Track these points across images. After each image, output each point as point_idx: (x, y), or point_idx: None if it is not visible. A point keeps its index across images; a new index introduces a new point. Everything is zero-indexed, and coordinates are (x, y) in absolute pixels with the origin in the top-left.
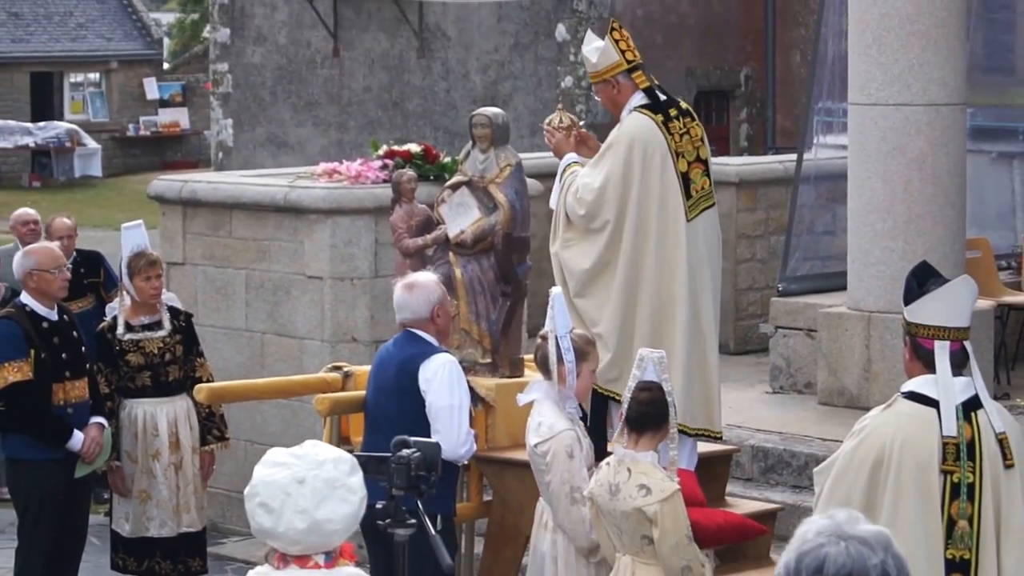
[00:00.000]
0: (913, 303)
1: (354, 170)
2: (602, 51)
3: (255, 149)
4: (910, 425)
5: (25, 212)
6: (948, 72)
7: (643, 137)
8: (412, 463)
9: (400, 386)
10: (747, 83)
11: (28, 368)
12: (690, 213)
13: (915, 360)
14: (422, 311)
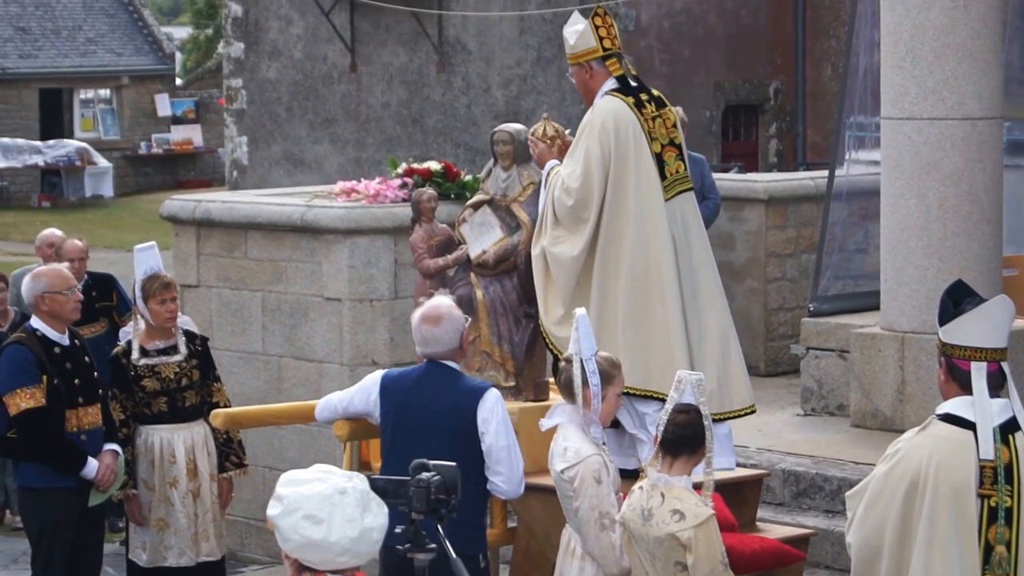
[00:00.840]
0: (949, 323)
1: (373, 189)
2: (580, 34)
3: (270, 167)
4: (946, 448)
5: (52, 233)
6: (984, 85)
7: (615, 118)
8: (432, 486)
9: (453, 427)
10: (776, 97)
11: (41, 394)
12: (667, 193)
13: (951, 382)
14: (453, 342)
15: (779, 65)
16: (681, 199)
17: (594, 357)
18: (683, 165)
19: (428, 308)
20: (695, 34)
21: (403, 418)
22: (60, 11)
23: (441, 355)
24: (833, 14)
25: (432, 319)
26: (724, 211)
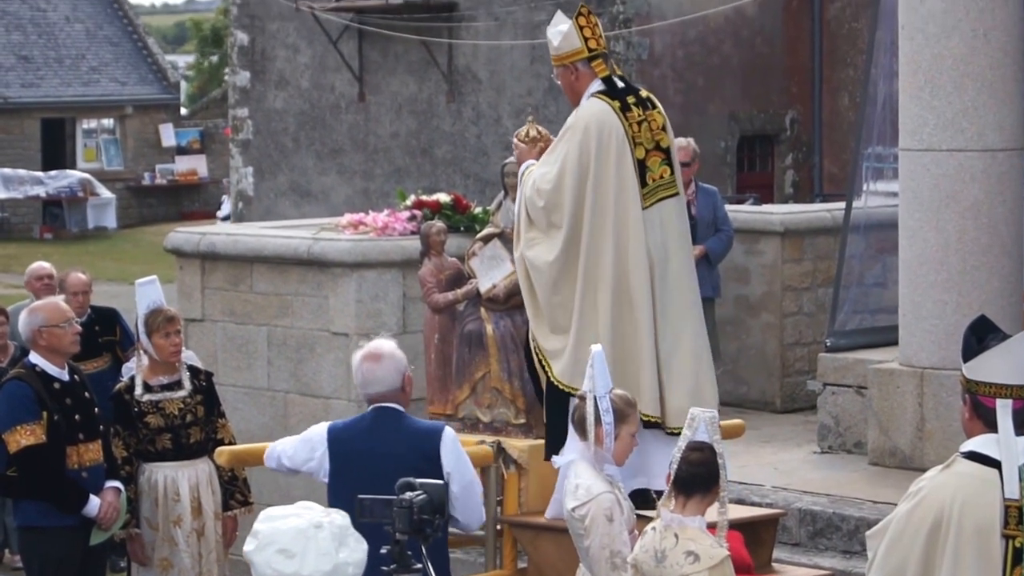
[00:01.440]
0: (973, 359)
1: (381, 221)
2: (565, 35)
3: (277, 198)
4: (970, 486)
5: (40, 266)
6: (1004, 115)
7: (598, 122)
8: (416, 506)
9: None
10: (793, 127)
11: (41, 431)
12: (645, 201)
13: (975, 419)
14: (395, 382)
15: (795, 94)
16: (662, 206)
17: (608, 395)
18: (669, 170)
19: (370, 347)
20: (710, 63)
21: (360, 468)
22: (63, 39)
23: (383, 395)
24: (850, 43)
25: (373, 357)
26: (739, 244)
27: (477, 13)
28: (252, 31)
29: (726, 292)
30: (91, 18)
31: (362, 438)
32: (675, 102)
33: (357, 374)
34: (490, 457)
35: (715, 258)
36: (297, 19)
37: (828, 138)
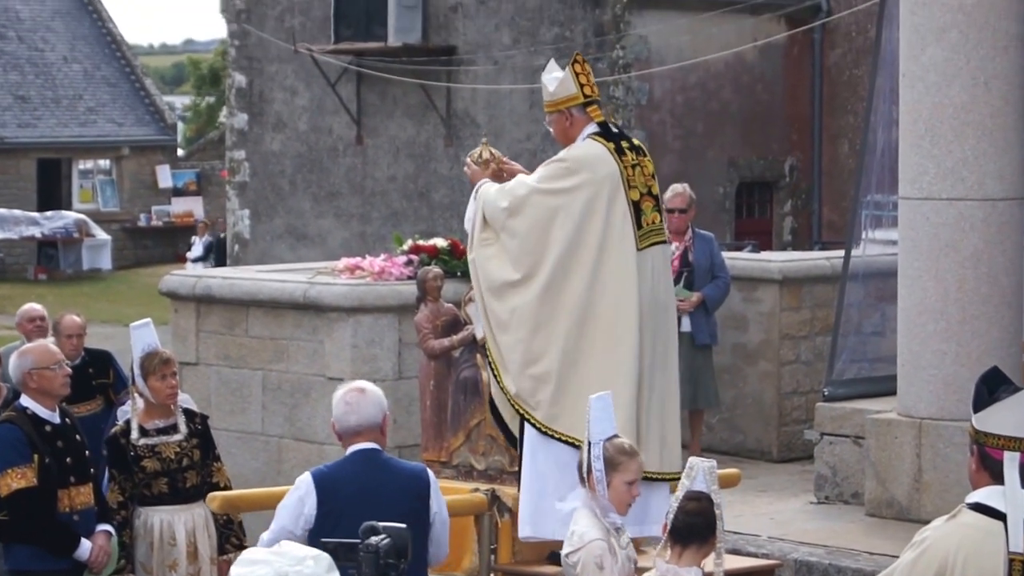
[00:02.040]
0: (983, 410)
1: (377, 266)
2: (561, 81)
3: (273, 241)
4: (975, 537)
5: (31, 308)
6: (1005, 164)
7: (593, 164)
8: (381, 550)
9: (412, 508)
10: (792, 174)
11: (32, 474)
12: (641, 243)
13: (982, 470)
14: (376, 416)
15: (795, 141)
16: (654, 251)
17: (603, 442)
18: (659, 217)
19: (351, 384)
20: (709, 109)
21: (353, 512)
22: (61, 80)
23: (365, 430)
24: (851, 90)
25: (358, 390)
26: (737, 291)
27: (476, 57)
28: (250, 73)
29: (723, 340)
30: (89, 58)
31: (351, 480)
32: (674, 147)
33: (340, 405)
34: (484, 505)
35: (712, 305)
36: (295, 61)
37: (827, 185)
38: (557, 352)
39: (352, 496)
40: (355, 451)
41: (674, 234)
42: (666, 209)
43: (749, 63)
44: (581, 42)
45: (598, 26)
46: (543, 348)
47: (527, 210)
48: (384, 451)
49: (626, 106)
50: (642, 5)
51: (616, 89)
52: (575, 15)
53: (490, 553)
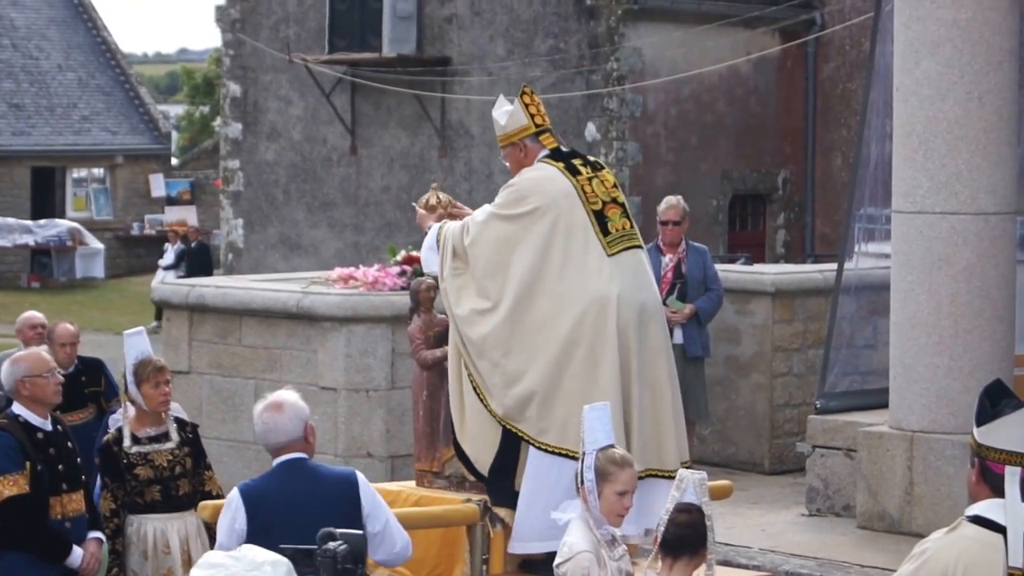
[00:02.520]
0: (986, 424)
1: (371, 276)
2: (511, 114)
3: (266, 251)
4: (974, 550)
5: (32, 315)
6: (998, 179)
7: (543, 185)
8: (339, 556)
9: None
10: (785, 186)
11: (24, 482)
12: (612, 248)
13: (982, 484)
14: (297, 430)
15: (788, 154)
16: (628, 255)
17: (595, 452)
18: (629, 223)
19: (271, 398)
20: (703, 121)
21: (282, 522)
22: (55, 88)
23: (287, 446)
24: (844, 103)
25: (275, 407)
26: (730, 304)
27: (470, 68)
28: (245, 82)
29: (716, 352)
30: (83, 67)
31: (279, 492)
32: (668, 160)
33: (258, 424)
34: (476, 515)
35: (705, 317)
36: (290, 71)
37: (820, 198)
38: (536, 369)
39: (280, 507)
40: (281, 462)
41: (668, 246)
42: (660, 221)
43: (743, 76)
44: (576, 54)
45: (592, 38)
46: (522, 368)
47: (486, 235)
48: (310, 458)
49: (620, 118)
50: (637, 17)
51: (610, 101)
52: (570, 27)
53: (482, 563)
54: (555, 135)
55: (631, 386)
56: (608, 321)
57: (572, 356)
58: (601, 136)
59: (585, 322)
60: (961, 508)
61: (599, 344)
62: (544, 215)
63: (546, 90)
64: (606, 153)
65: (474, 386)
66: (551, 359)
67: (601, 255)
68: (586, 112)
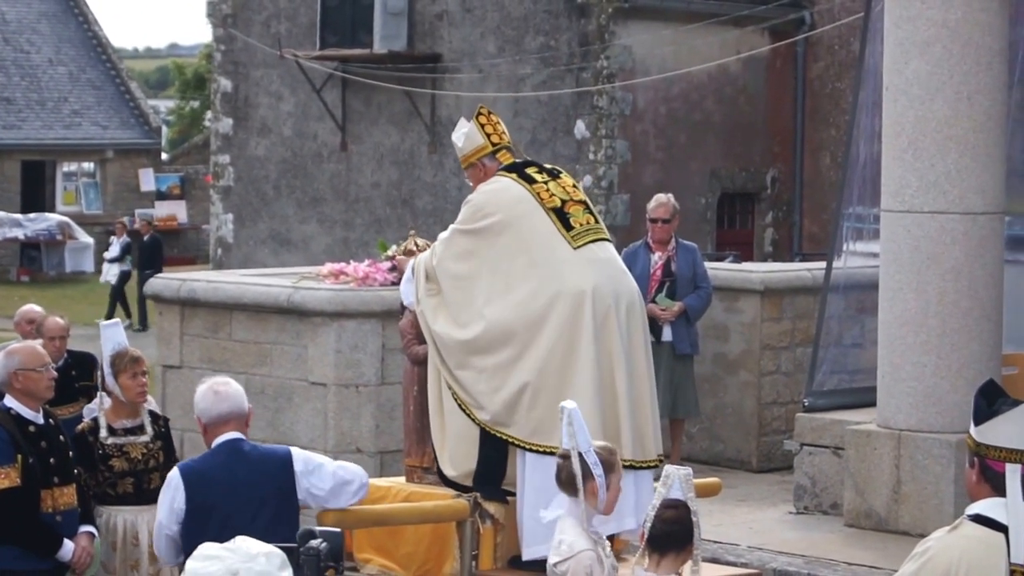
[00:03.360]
0: (984, 423)
1: (361, 272)
2: (467, 135)
3: (256, 246)
4: (976, 549)
5: (31, 309)
6: (986, 179)
7: (498, 195)
8: (321, 553)
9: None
10: (774, 185)
11: (15, 474)
12: (576, 242)
13: (983, 482)
14: (241, 406)
15: (777, 153)
16: (597, 246)
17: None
18: (593, 218)
19: (213, 379)
20: (692, 120)
21: (220, 500)
22: (46, 82)
23: (233, 418)
24: (833, 103)
25: (221, 382)
26: (718, 301)
27: (461, 65)
28: (235, 78)
29: (704, 349)
30: (74, 61)
31: (218, 472)
32: (657, 158)
33: (208, 395)
34: (466, 511)
35: (694, 315)
36: (281, 67)
37: (809, 197)
38: (518, 374)
39: (219, 487)
40: (220, 443)
41: (657, 243)
42: (649, 219)
43: (732, 75)
44: (566, 51)
45: (583, 36)
46: (504, 374)
47: (452, 251)
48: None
49: (610, 116)
50: (627, 16)
51: (600, 99)
52: (560, 25)
53: (472, 559)
54: (513, 152)
55: (616, 377)
56: (584, 314)
57: (554, 351)
58: (590, 134)
59: (562, 317)
60: (947, 506)
61: (576, 337)
62: (505, 226)
63: (536, 87)
64: (595, 151)
65: (459, 403)
66: (537, 353)
67: (567, 250)
68: (576, 110)
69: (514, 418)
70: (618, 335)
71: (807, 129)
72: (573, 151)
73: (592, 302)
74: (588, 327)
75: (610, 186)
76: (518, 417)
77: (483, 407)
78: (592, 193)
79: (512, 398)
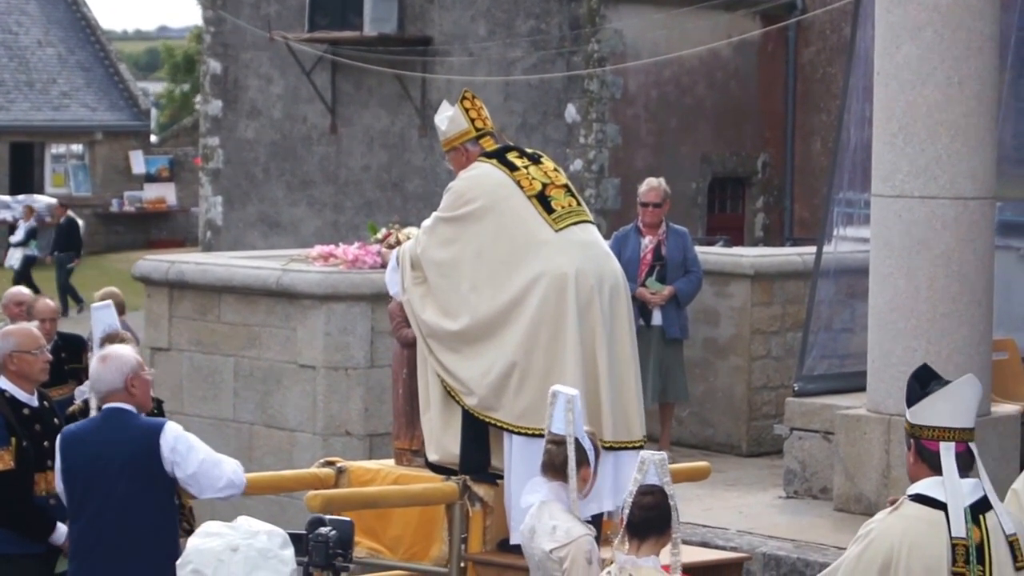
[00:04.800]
0: (916, 404)
1: (351, 254)
2: (451, 119)
3: (245, 229)
4: (918, 528)
5: (19, 292)
6: (977, 164)
7: (479, 181)
8: (330, 541)
9: (140, 465)
10: (764, 170)
11: (9, 457)
12: (557, 224)
13: (920, 463)
14: (116, 382)
15: (768, 138)
16: (579, 228)
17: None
18: (575, 201)
19: (99, 353)
20: (683, 104)
21: (89, 467)
22: (35, 64)
23: (108, 395)
24: (824, 88)
25: (102, 359)
26: (709, 286)
27: (452, 48)
28: (225, 60)
29: (694, 334)
30: (63, 42)
31: (91, 435)
32: (647, 142)
33: (93, 365)
34: (455, 494)
35: (684, 299)
36: (271, 49)
37: (799, 182)
38: (505, 356)
39: (86, 453)
40: (103, 410)
41: (648, 227)
42: (640, 203)
43: (723, 59)
44: (556, 35)
45: (573, 19)
46: (491, 358)
47: (435, 239)
48: (136, 409)
49: (600, 100)
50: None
51: (591, 83)
52: (551, 8)
53: (461, 542)
54: (496, 138)
55: (598, 359)
56: (568, 296)
57: (539, 333)
58: (581, 118)
59: (546, 299)
60: None
61: (560, 319)
62: (487, 211)
63: (527, 71)
64: (586, 135)
65: (447, 390)
66: (522, 335)
67: (549, 232)
68: (566, 93)
69: (501, 402)
70: (601, 317)
71: (798, 114)
72: (564, 135)
73: (575, 284)
74: (572, 309)
75: (601, 170)
76: (505, 401)
77: (472, 392)
78: (582, 177)
79: (499, 381)
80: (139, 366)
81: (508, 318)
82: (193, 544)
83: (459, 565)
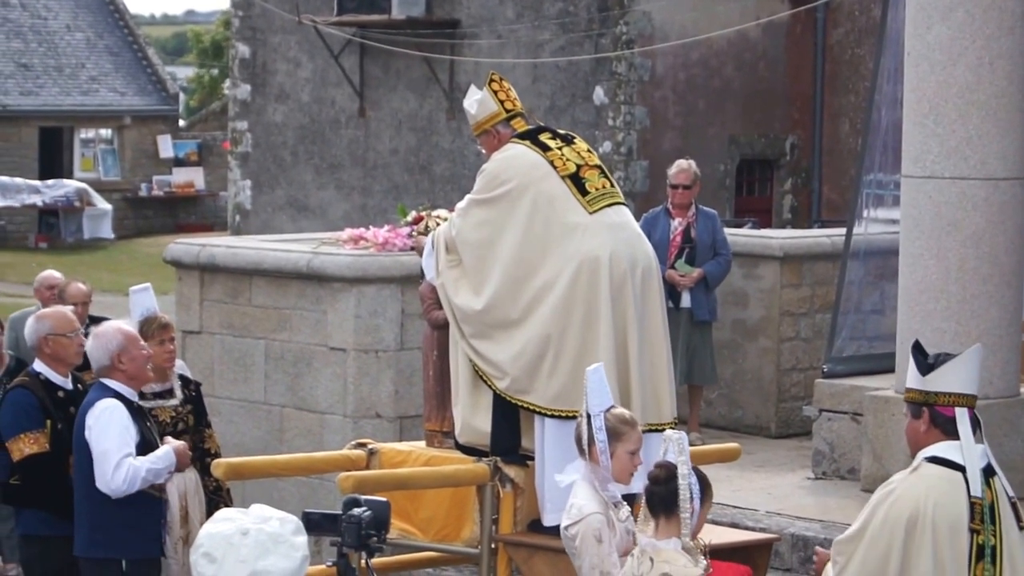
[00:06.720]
0: (931, 373)
1: (381, 237)
2: (481, 102)
3: (274, 212)
4: (940, 487)
5: (51, 275)
6: (1008, 144)
7: (512, 163)
8: (363, 521)
9: (79, 438)
10: (793, 152)
11: (45, 440)
12: (591, 206)
13: (933, 429)
14: (101, 359)
15: (796, 120)
16: (613, 211)
17: (603, 413)
18: (608, 182)
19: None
20: (711, 86)
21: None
22: (63, 48)
23: (99, 371)
24: (853, 69)
25: (92, 336)
26: (738, 268)
27: (480, 31)
28: (254, 44)
29: (723, 316)
30: (91, 27)
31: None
32: (675, 124)
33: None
34: (487, 475)
35: (713, 282)
36: (299, 32)
37: (828, 164)
38: (537, 339)
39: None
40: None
41: (678, 208)
42: (670, 185)
43: (752, 41)
44: (585, 17)
45: (602, 1)
46: (524, 340)
47: (470, 221)
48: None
49: (628, 82)
50: None
51: (619, 65)
52: None
53: (492, 523)
54: (527, 118)
55: (629, 341)
56: (601, 279)
57: (573, 315)
58: (609, 100)
59: (579, 281)
60: None
61: (593, 302)
62: (521, 192)
63: (555, 53)
64: (614, 117)
65: (479, 374)
66: (557, 315)
67: (583, 215)
68: (594, 76)
69: (535, 384)
70: (633, 300)
71: (826, 95)
72: (592, 117)
73: (609, 267)
74: (605, 293)
75: (629, 152)
76: (539, 384)
77: (505, 374)
78: (611, 159)
79: (534, 361)
80: (128, 342)
81: (542, 300)
82: (206, 529)
83: (490, 546)
